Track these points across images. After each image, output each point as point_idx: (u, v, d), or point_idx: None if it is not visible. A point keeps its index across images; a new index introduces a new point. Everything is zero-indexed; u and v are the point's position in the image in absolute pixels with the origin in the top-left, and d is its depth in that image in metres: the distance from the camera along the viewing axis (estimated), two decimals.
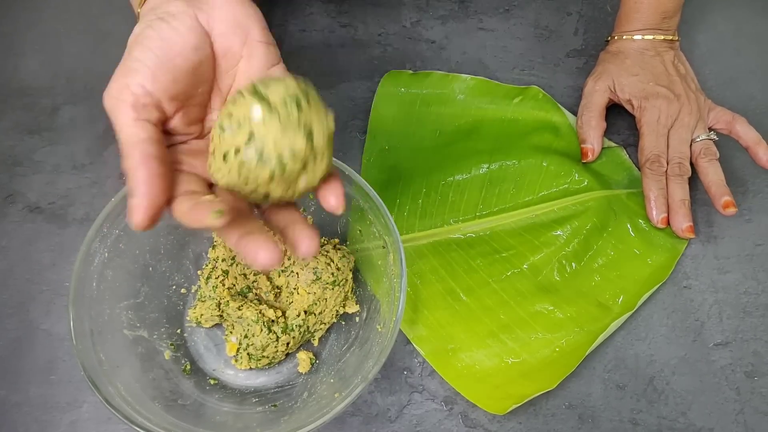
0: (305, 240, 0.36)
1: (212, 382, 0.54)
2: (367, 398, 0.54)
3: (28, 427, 0.53)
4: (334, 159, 0.53)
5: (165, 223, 0.55)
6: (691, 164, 0.61)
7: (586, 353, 0.54)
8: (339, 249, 0.55)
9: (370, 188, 0.52)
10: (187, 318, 0.56)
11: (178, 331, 0.56)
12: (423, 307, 0.57)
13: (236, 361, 0.54)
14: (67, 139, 0.67)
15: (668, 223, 0.60)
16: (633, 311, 0.56)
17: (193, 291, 0.57)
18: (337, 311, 0.55)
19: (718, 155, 0.61)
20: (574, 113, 0.68)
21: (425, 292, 0.58)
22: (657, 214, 0.60)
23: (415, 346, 0.56)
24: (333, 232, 0.58)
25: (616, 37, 0.66)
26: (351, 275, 0.55)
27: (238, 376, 0.54)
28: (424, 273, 0.59)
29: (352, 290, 0.56)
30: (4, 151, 0.66)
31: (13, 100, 0.69)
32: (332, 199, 0.38)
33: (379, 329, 0.51)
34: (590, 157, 0.64)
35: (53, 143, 0.66)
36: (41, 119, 0.68)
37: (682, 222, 0.59)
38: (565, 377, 0.53)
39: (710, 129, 0.63)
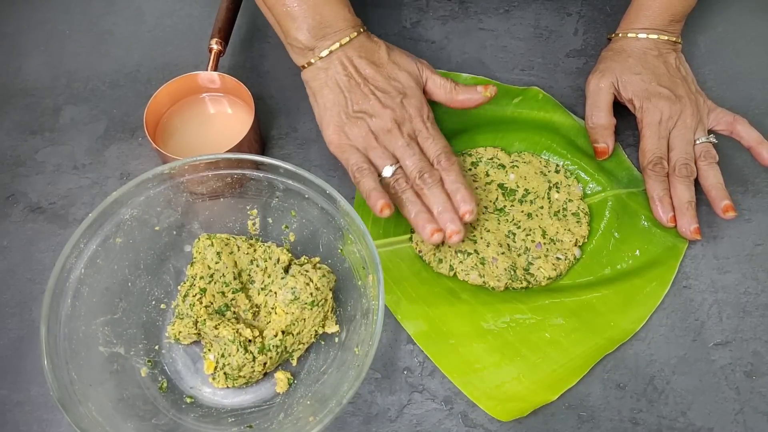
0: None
1: (189, 400, 0.53)
2: (367, 398, 0.54)
3: (29, 427, 0.53)
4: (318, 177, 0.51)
5: (146, 237, 0.55)
6: None
7: (590, 365, 0.54)
8: (319, 268, 0.54)
9: (351, 207, 0.51)
10: (166, 334, 0.55)
11: (156, 347, 0.54)
12: (423, 303, 0.57)
13: (213, 379, 0.53)
14: (68, 139, 0.67)
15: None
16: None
17: (172, 306, 0.56)
18: (316, 331, 0.54)
19: (717, 158, 0.61)
20: (574, 113, 0.68)
21: (424, 289, 0.58)
22: (665, 214, 0.60)
23: (416, 342, 0.55)
24: (314, 249, 0.56)
25: (620, 35, 0.66)
26: (331, 295, 0.54)
27: (215, 394, 0.53)
28: (420, 273, 0.59)
29: (332, 310, 0.54)
30: (5, 152, 0.66)
31: (16, 100, 0.69)
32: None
33: (356, 351, 0.50)
34: (605, 157, 0.64)
35: (54, 143, 0.66)
36: (43, 119, 0.68)
37: (690, 224, 0.59)
38: (565, 378, 0.53)
39: (711, 131, 0.63)
